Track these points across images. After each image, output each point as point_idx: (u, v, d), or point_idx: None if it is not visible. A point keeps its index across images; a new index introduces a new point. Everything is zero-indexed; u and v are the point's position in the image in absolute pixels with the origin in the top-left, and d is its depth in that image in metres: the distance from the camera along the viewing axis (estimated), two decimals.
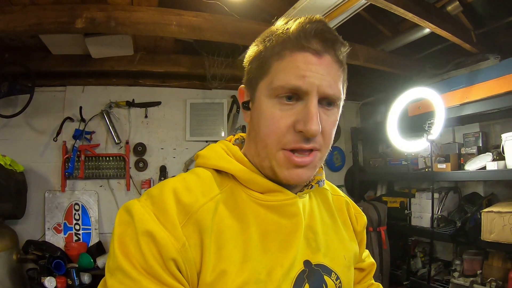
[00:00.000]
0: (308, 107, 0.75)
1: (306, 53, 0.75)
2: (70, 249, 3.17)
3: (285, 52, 0.76)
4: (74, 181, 3.45)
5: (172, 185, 0.76)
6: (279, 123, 0.76)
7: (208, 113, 3.87)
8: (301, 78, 0.74)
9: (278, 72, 0.76)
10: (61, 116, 3.43)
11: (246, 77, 0.87)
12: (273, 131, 0.77)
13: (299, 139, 0.76)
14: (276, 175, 0.80)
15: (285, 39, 0.77)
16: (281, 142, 0.77)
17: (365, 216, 1.09)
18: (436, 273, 3.13)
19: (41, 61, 3.16)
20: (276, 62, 0.77)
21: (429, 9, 2.44)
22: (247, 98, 0.87)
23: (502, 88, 2.57)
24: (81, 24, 2.30)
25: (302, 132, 0.75)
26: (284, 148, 0.77)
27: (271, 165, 0.80)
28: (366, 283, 1.11)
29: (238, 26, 2.65)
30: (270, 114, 0.77)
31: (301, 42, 0.75)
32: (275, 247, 0.79)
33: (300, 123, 0.75)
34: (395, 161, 3.75)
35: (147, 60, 3.39)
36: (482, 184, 3.15)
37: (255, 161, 0.84)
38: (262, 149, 0.80)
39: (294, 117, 0.76)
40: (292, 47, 0.76)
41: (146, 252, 0.66)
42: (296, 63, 0.75)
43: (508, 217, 2.35)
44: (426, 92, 3.04)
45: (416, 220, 3.23)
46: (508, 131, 2.58)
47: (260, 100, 0.80)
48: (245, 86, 0.88)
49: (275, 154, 0.78)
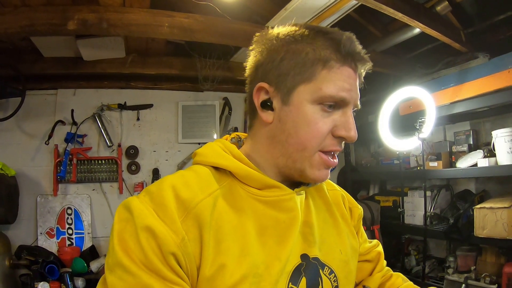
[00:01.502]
0: (348, 116, 0.84)
1: (350, 68, 0.82)
2: (63, 254, 3.15)
3: (333, 63, 0.80)
4: (66, 185, 3.43)
5: (170, 181, 0.77)
6: (322, 128, 0.81)
7: (200, 115, 3.87)
8: (348, 91, 0.81)
9: (327, 82, 0.80)
10: (52, 120, 3.41)
11: (273, 73, 0.84)
12: (315, 136, 0.81)
13: (336, 143, 0.84)
14: (305, 175, 0.85)
15: (335, 49, 0.81)
16: (320, 145, 0.82)
17: (361, 208, 1.10)
18: (430, 270, 3.15)
19: (32, 64, 3.14)
20: (324, 71, 0.80)
21: (419, 9, 2.46)
22: (267, 97, 0.85)
23: (492, 86, 2.60)
24: (73, 25, 2.29)
25: (342, 137, 0.83)
26: (321, 151, 0.83)
27: (303, 167, 0.84)
28: (381, 273, 1.11)
29: (229, 27, 2.65)
30: (313, 119, 0.81)
31: (348, 59, 0.82)
32: (273, 241, 0.80)
33: (341, 130, 0.82)
34: (387, 160, 3.77)
35: (139, 62, 3.38)
36: (474, 181, 3.17)
37: (269, 162, 0.87)
38: (297, 152, 0.83)
39: (332, 123, 0.82)
40: (341, 60, 0.81)
41: (146, 247, 0.67)
42: (343, 77, 0.81)
43: (500, 213, 2.38)
44: (417, 91, 3.06)
45: (409, 218, 3.24)
46: (498, 128, 2.61)
47: (301, 104, 0.81)
48: (270, 84, 0.84)
49: (312, 156, 0.83)
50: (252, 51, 0.90)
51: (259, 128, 0.89)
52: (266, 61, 0.85)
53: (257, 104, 0.86)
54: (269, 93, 0.85)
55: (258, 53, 0.87)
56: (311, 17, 2.50)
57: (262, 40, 0.87)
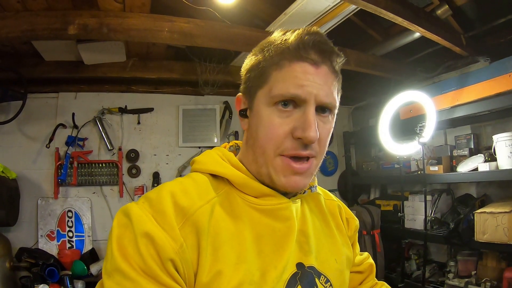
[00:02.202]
0: (306, 114, 0.78)
1: (304, 63, 0.78)
2: (64, 257, 3.15)
3: (284, 62, 0.79)
4: (67, 188, 3.43)
5: (169, 188, 0.77)
6: (278, 129, 0.79)
7: (200, 119, 3.87)
8: (300, 87, 0.77)
9: (277, 81, 0.79)
10: (53, 123, 3.41)
11: (244, 85, 0.89)
12: (271, 138, 0.79)
13: (297, 146, 0.79)
14: (274, 182, 0.82)
15: (284, 49, 0.79)
16: (279, 148, 0.79)
17: (357, 220, 1.11)
18: (431, 275, 3.14)
19: (33, 68, 3.15)
20: (275, 72, 0.80)
21: (419, 13, 2.47)
22: (244, 106, 0.89)
23: (493, 90, 2.60)
24: (73, 30, 2.29)
25: (300, 138, 0.77)
26: (282, 154, 0.80)
27: (269, 172, 0.82)
28: (368, 283, 1.12)
29: (229, 32, 2.66)
30: (268, 121, 0.80)
31: (299, 53, 0.78)
32: (269, 250, 0.80)
33: (299, 130, 0.77)
34: (387, 165, 3.77)
35: (140, 66, 3.39)
36: (475, 185, 3.17)
37: (252, 168, 0.86)
38: (260, 156, 0.82)
39: (292, 124, 0.78)
40: (290, 57, 0.79)
41: (145, 253, 0.67)
42: (294, 73, 0.78)
43: (501, 218, 2.38)
44: (417, 95, 3.07)
45: (410, 222, 3.24)
46: (499, 132, 2.61)
47: (259, 108, 0.82)
48: (243, 94, 0.90)
49: (272, 160, 0.81)
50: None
51: (244, 135, 0.92)
52: (243, 73, 0.89)
53: (238, 113, 0.91)
54: (244, 102, 0.89)
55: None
56: (311, 21, 2.50)
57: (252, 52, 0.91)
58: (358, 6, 2.21)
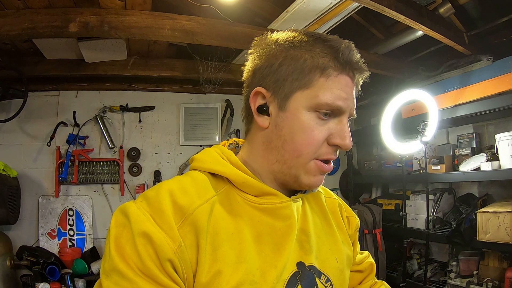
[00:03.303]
0: (344, 125, 0.83)
1: (347, 77, 0.82)
2: (64, 255, 3.15)
3: (331, 71, 0.80)
4: (68, 186, 3.43)
5: (168, 187, 0.76)
6: (318, 136, 0.81)
7: (202, 117, 3.87)
8: (344, 100, 0.81)
9: (324, 89, 0.80)
10: (54, 121, 3.42)
11: (271, 77, 0.83)
12: (311, 143, 0.81)
13: (331, 151, 0.83)
14: (300, 181, 0.84)
15: (333, 57, 0.80)
16: (316, 153, 0.82)
17: (358, 218, 1.10)
18: (432, 275, 3.14)
19: (34, 66, 3.15)
20: (322, 79, 0.80)
21: (421, 11, 2.45)
22: (264, 102, 0.85)
23: (495, 89, 2.58)
24: (74, 28, 2.29)
25: (337, 145, 0.83)
26: (316, 158, 0.82)
27: (298, 173, 0.83)
28: (368, 283, 1.11)
29: (231, 30, 2.65)
30: (309, 127, 0.81)
31: (347, 67, 0.81)
32: (269, 249, 0.79)
33: (337, 138, 0.82)
34: (389, 163, 3.76)
35: (141, 64, 3.38)
36: (477, 184, 3.16)
37: (264, 167, 0.86)
38: (292, 158, 0.82)
39: (328, 131, 0.82)
40: (339, 68, 0.81)
41: (143, 253, 0.66)
42: (340, 85, 0.81)
43: (503, 217, 2.36)
44: (420, 94, 3.05)
45: (411, 222, 3.23)
46: (501, 131, 2.60)
47: (298, 110, 0.81)
48: (267, 89, 0.84)
49: (307, 163, 0.82)
50: (250, 55, 0.89)
51: (255, 133, 0.88)
52: (264, 66, 0.84)
53: (253, 109, 0.86)
54: (266, 98, 0.84)
55: (256, 57, 0.87)
56: (313, 19, 2.49)
57: (261, 45, 0.87)
58: (361, 4, 2.19)
